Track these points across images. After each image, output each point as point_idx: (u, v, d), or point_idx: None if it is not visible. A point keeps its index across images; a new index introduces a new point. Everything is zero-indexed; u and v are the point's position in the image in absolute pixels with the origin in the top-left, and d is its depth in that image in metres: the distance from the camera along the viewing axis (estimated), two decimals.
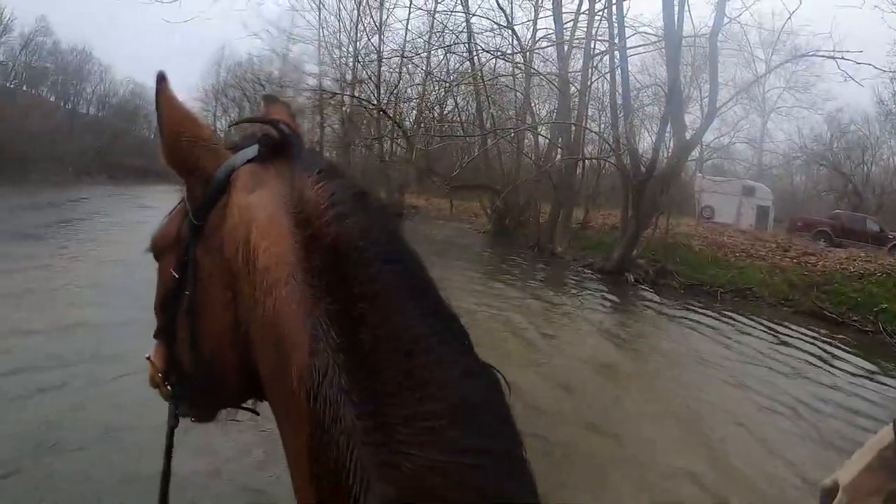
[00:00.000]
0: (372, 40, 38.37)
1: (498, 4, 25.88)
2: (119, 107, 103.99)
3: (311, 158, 0.91)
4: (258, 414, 1.06)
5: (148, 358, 1.06)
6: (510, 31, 26.10)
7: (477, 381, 0.74)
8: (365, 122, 40.06)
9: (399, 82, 36.80)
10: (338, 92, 40.53)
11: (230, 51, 68.09)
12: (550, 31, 23.90)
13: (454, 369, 0.72)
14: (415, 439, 0.67)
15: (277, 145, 0.93)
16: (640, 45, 21.03)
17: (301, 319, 0.75)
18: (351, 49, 40.88)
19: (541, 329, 10.98)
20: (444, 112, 36.16)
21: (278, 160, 0.92)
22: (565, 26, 22.90)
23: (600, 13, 21.58)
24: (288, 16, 49.01)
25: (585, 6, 22.87)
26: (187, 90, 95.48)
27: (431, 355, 0.72)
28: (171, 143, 0.94)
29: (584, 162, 26.03)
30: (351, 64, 40.98)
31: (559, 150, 24.52)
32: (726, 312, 14.83)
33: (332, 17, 43.64)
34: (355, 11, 40.39)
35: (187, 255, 0.94)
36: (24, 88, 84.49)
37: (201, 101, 77.40)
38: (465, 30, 25.77)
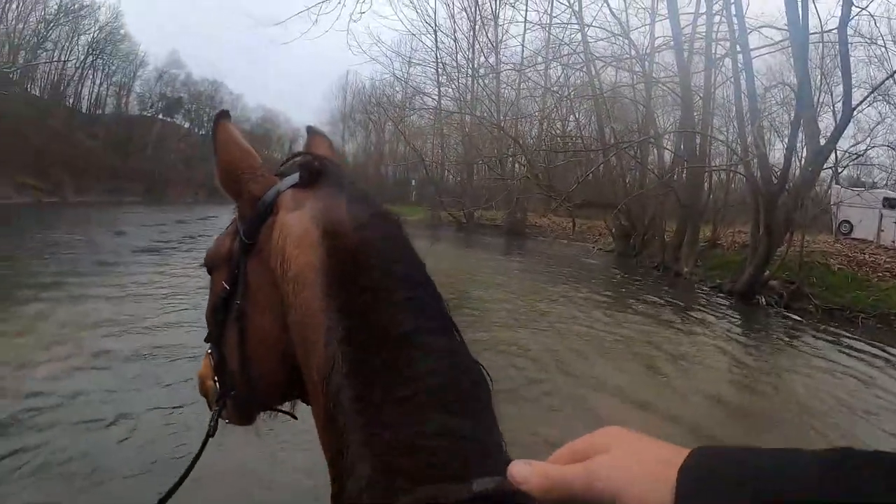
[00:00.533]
0: (489, 59, 38.23)
1: (612, 13, 24.79)
2: (250, 132, 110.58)
3: (343, 184, 1.05)
4: (296, 418, 1.18)
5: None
6: (627, 40, 24.73)
7: (460, 372, 0.83)
8: (487, 141, 39.60)
9: (517, 99, 36.22)
10: (456, 111, 40.51)
11: (354, 76, 69.55)
12: (668, 38, 22.35)
13: (441, 360, 0.83)
14: (395, 420, 0.77)
15: (315, 172, 1.05)
16: (763, 46, 19.09)
17: (321, 317, 0.88)
18: (468, 69, 40.87)
19: (662, 360, 9.84)
20: (566, 129, 35.22)
21: (316, 185, 1.04)
22: (683, 30, 21.31)
23: (718, 13, 20.00)
24: (407, 40, 49.09)
25: (703, 8, 21.36)
26: (314, 113, 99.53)
27: (420, 345, 0.82)
28: (224, 170, 1.10)
29: (711, 175, 24.17)
30: (469, 83, 40.86)
31: (684, 162, 22.87)
32: (873, 342, 12.75)
33: (449, 39, 43.93)
34: (471, 32, 40.48)
35: (238, 269, 1.08)
36: (161, 117, 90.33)
37: (329, 124, 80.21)
38: (581, 42, 24.62)
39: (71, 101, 74.47)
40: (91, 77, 78.13)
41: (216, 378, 1.17)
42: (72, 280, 12.08)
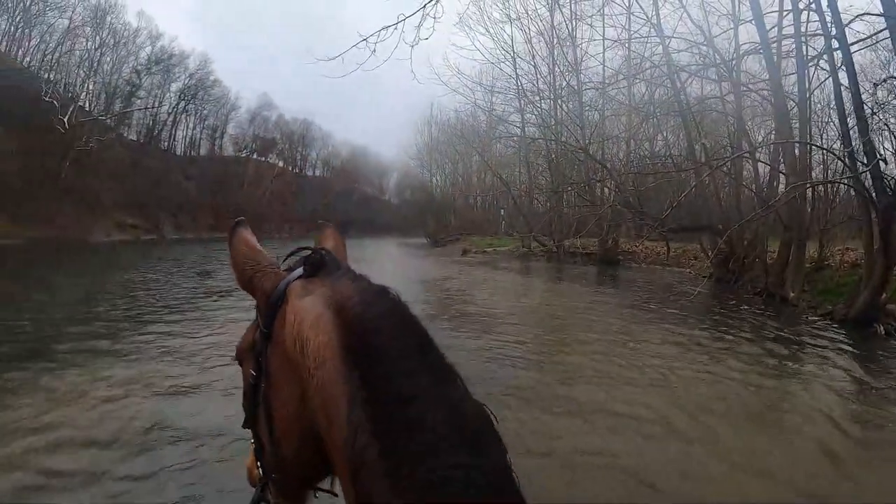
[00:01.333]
0: (569, 81, 36.81)
1: (692, 22, 23.10)
2: (341, 168, 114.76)
3: (344, 270, 1.20)
4: (336, 494, 1.17)
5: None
6: (710, 49, 22.91)
7: (467, 415, 0.91)
8: (574, 167, 38.27)
9: (601, 120, 34.78)
10: (540, 137, 39.39)
11: (438, 109, 69.75)
12: (754, 42, 20.44)
13: (451, 409, 0.90)
14: (416, 463, 0.83)
15: (318, 264, 1.21)
16: (858, 42, 16.78)
17: (342, 387, 0.95)
18: (550, 93, 39.66)
19: (765, 402, 8.50)
20: (654, 149, 33.50)
21: (320, 274, 1.19)
22: (769, 31, 19.31)
23: (807, 9, 17.95)
24: (487, 69, 48.21)
25: (788, 4, 19.26)
26: (401, 147, 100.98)
27: (431, 400, 0.90)
28: (239, 271, 1.30)
29: (814, 189, 21.83)
30: (551, 108, 39.65)
31: (782, 175, 20.73)
32: None
33: (528, 64, 42.73)
34: (549, 56, 39.20)
35: (260, 357, 1.23)
36: (255, 156, 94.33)
37: (416, 158, 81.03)
38: (663, 55, 22.99)
39: (166, 144, 78.28)
40: (185, 121, 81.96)
41: (258, 464, 1.30)
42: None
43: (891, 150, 22.99)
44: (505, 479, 0.87)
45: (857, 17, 15.93)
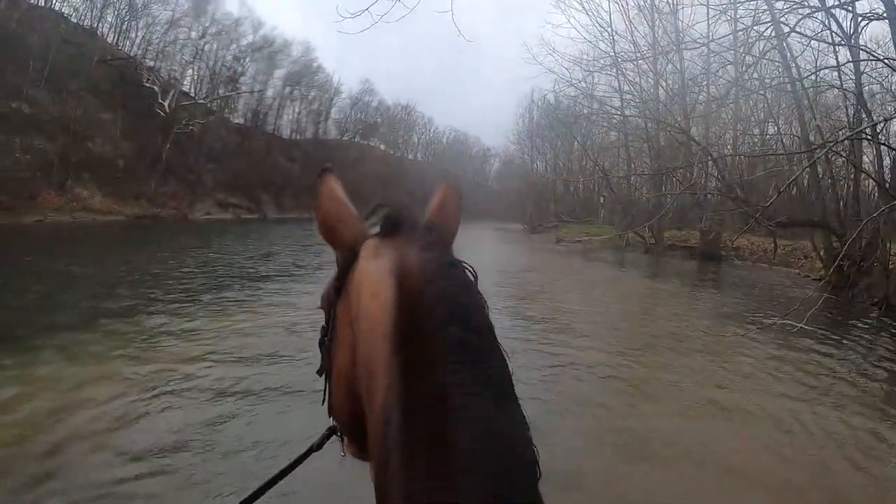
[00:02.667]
0: (671, 60, 33.34)
1: None
2: (443, 152, 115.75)
3: (420, 234, 1.07)
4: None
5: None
6: (825, 13, 19.37)
7: (504, 448, 0.79)
8: (676, 153, 35.09)
9: (707, 102, 31.40)
10: (637, 115, 36.21)
11: (539, 94, 68.21)
12: (875, 10, 17.01)
13: (487, 435, 0.79)
14: (432, 492, 0.75)
15: (394, 223, 1.10)
16: None
17: (382, 367, 0.88)
18: (650, 71, 36.35)
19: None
20: (765, 135, 30.07)
21: (395, 235, 1.08)
22: None
23: None
24: (586, 50, 44.64)
25: None
26: (503, 133, 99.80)
27: (467, 418, 0.79)
28: (322, 220, 1.20)
29: None
30: (652, 88, 36.38)
31: None
32: None
33: (626, 42, 39.20)
34: (650, 32, 35.70)
35: (332, 309, 1.19)
36: (357, 140, 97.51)
37: (516, 143, 79.29)
38: (771, 22, 19.69)
39: (272, 128, 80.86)
40: (290, 106, 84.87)
41: (330, 413, 1.27)
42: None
43: None
44: None
45: None
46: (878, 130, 18.51)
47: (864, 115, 19.69)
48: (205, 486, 5.16)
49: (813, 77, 21.40)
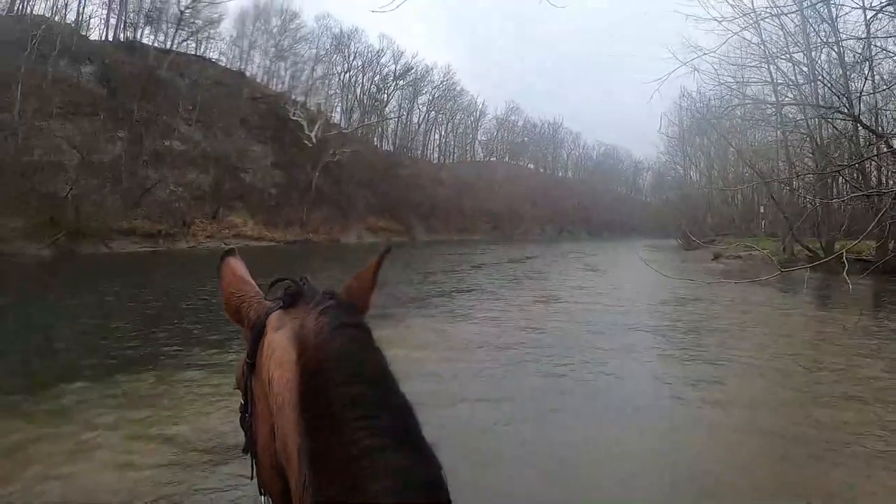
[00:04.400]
0: (827, 38, 29.38)
1: None
2: (593, 168, 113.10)
3: (318, 301, 1.09)
4: None
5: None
6: None
7: (416, 488, 0.81)
8: (849, 146, 30.98)
9: (875, 88, 27.38)
10: (793, 102, 32.29)
11: (688, 100, 64.78)
12: None
13: (396, 478, 0.81)
14: None
15: (293, 296, 1.15)
16: None
17: (293, 431, 0.93)
18: (804, 58, 32.31)
19: None
20: None
21: (297, 306, 1.13)
22: None
23: None
24: (731, 42, 40.28)
25: None
26: (652, 143, 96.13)
27: (377, 465, 0.82)
28: (227, 302, 1.28)
29: None
30: (807, 74, 32.31)
31: None
32: None
33: (774, 27, 35.08)
34: (799, 15, 31.70)
35: (248, 385, 1.22)
36: (506, 159, 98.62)
37: (666, 153, 75.40)
38: None
39: (419, 152, 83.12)
40: (436, 130, 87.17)
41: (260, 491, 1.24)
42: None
43: None
44: None
45: None
46: None
47: None
48: None
49: None
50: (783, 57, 33.94)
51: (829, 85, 29.69)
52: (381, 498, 0.78)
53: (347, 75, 68.54)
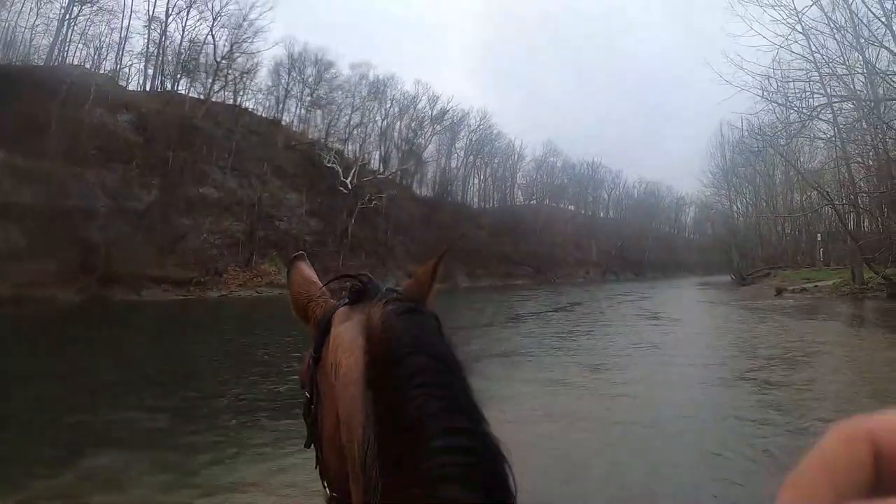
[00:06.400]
0: (884, 41, 27.26)
1: None
2: (635, 207, 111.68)
3: (382, 296, 1.15)
4: None
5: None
6: None
7: (457, 455, 0.85)
8: None
9: None
10: (855, 116, 30.05)
11: (729, 127, 63.97)
12: None
13: (454, 438, 0.86)
14: (412, 494, 0.83)
15: (359, 292, 1.23)
16: None
17: (359, 405, 0.99)
18: (859, 64, 30.11)
19: None
20: None
21: (361, 302, 1.20)
22: None
23: None
24: (777, 58, 37.08)
25: None
26: (695, 177, 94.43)
27: (435, 429, 0.87)
28: (294, 301, 1.37)
29: None
30: (867, 88, 30.16)
31: None
32: None
33: (824, 36, 32.87)
34: (850, 21, 29.51)
35: (313, 380, 1.28)
36: (547, 202, 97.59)
37: (712, 186, 73.50)
38: None
39: (459, 197, 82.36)
40: (475, 174, 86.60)
41: (323, 482, 1.29)
42: None
43: None
44: None
45: None
46: None
47: None
48: None
49: None
50: (838, 63, 31.87)
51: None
52: (436, 456, 0.83)
53: (384, 122, 68.68)
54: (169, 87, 51.48)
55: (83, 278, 32.09)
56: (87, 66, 45.52)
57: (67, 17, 45.26)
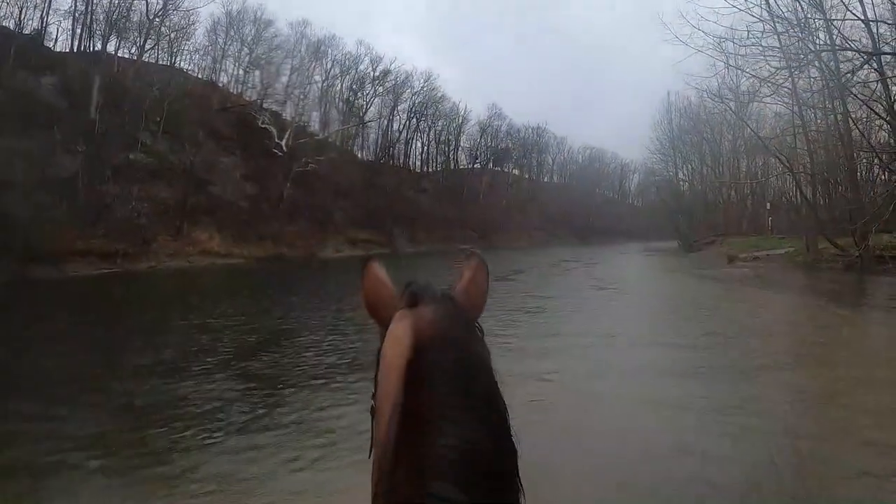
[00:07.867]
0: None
1: None
2: (579, 172, 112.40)
3: (432, 299, 1.22)
4: None
5: None
6: None
7: (483, 455, 0.94)
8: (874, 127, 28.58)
9: None
10: (812, 59, 28.84)
11: (676, 95, 63.96)
12: None
13: (458, 435, 0.93)
14: (414, 483, 0.90)
15: (415, 295, 1.25)
16: None
17: (392, 396, 1.00)
18: (817, 26, 29.09)
19: None
20: None
21: (417, 304, 1.23)
22: None
23: None
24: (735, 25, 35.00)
25: None
26: (641, 144, 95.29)
27: (444, 427, 0.94)
28: (365, 301, 1.38)
29: None
30: (824, 39, 29.08)
31: None
32: None
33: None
34: None
35: (376, 375, 1.28)
36: (490, 166, 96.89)
37: (658, 153, 73.50)
38: None
39: (400, 161, 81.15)
40: (417, 138, 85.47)
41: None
42: None
43: None
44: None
45: None
46: None
47: None
48: None
49: None
50: (795, 31, 30.57)
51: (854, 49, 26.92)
52: (443, 452, 0.89)
53: (325, 83, 66.98)
54: (98, 47, 47.76)
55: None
56: (10, 25, 41.69)
57: None
